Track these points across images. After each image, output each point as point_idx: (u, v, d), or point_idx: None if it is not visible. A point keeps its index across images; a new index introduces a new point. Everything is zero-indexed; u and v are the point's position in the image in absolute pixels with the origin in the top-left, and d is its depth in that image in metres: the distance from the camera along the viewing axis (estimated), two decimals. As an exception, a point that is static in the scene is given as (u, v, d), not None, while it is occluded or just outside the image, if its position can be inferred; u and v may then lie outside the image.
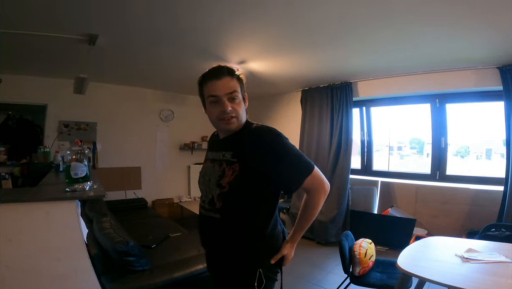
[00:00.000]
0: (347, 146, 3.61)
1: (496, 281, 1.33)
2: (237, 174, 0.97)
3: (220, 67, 1.01)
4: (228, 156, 1.02)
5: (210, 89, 0.99)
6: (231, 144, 1.04)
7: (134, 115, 4.47)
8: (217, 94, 0.98)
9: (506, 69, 2.66)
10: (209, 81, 0.99)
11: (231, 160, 1.00)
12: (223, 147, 1.06)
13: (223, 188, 0.99)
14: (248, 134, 1.02)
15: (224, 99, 0.98)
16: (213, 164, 1.08)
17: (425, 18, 1.94)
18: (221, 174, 1.01)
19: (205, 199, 1.06)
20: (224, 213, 1.00)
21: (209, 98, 1.00)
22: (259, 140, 0.98)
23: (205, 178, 1.09)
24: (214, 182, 1.02)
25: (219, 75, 0.99)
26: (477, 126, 3.50)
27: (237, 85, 1.01)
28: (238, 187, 0.97)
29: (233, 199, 0.99)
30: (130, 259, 1.72)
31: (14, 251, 1.43)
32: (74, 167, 1.84)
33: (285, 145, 0.97)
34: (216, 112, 1.00)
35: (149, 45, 2.60)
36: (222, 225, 1.01)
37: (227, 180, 0.98)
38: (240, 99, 1.02)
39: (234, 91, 0.99)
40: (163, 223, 3.26)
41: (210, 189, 1.04)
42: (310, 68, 3.28)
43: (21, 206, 1.46)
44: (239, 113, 1.00)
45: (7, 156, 3.52)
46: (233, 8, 1.89)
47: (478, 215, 2.90)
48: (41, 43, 2.47)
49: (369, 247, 2.05)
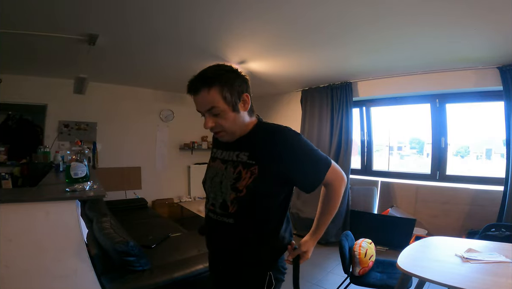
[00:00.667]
0: (347, 146, 3.61)
1: (496, 281, 1.33)
2: (255, 176, 0.91)
3: (193, 79, 0.91)
4: (244, 157, 0.95)
5: (195, 103, 0.93)
6: (246, 144, 0.97)
7: (134, 115, 4.47)
8: (199, 110, 0.93)
9: (506, 69, 2.66)
10: (190, 95, 0.93)
11: (249, 162, 0.93)
12: (237, 147, 0.98)
13: (240, 192, 0.92)
14: (265, 134, 0.96)
15: (206, 115, 0.92)
16: (225, 164, 0.99)
17: (425, 18, 1.94)
18: (237, 176, 0.93)
19: (215, 202, 0.99)
20: (238, 218, 0.94)
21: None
22: (279, 141, 0.92)
23: (214, 179, 1.01)
24: (228, 184, 0.95)
25: (195, 90, 0.90)
26: (477, 126, 3.50)
27: (216, 98, 0.88)
28: (256, 190, 0.91)
29: (251, 204, 0.93)
30: (130, 259, 1.72)
31: (14, 251, 1.43)
32: (74, 167, 1.84)
33: (304, 144, 0.93)
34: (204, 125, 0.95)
35: (149, 45, 2.60)
36: (235, 230, 0.96)
37: (244, 183, 0.91)
38: (223, 111, 0.90)
39: (212, 107, 0.89)
40: (163, 223, 3.26)
41: (222, 193, 0.96)
42: (310, 68, 3.28)
43: (21, 206, 1.47)
44: (225, 127, 0.93)
45: (7, 156, 3.52)
46: (232, 8, 1.89)
47: (478, 215, 2.90)
48: (41, 43, 2.47)
49: (369, 247, 2.05)
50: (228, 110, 0.91)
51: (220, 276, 1.08)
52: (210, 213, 1.02)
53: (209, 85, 0.88)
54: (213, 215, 1.00)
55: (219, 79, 0.89)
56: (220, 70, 0.91)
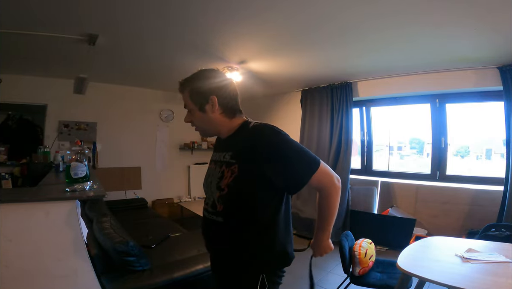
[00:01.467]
0: (347, 146, 3.61)
1: (496, 281, 1.33)
2: (235, 175, 0.94)
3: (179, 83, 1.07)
4: (227, 157, 1.00)
5: None
6: (230, 144, 1.03)
7: (134, 115, 4.47)
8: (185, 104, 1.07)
9: (506, 69, 2.66)
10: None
11: (230, 161, 0.98)
12: (225, 148, 1.05)
13: (222, 190, 0.96)
14: (246, 133, 1.00)
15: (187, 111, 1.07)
16: (215, 165, 1.06)
17: (425, 18, 1.94)
18: (220, 175, 0.99)
19: (208, 201, 1.05)
20: (226, 216, 0.97)
21: None
22: (257, 139, 0.94)
23: (207, 180, 1.07)
24: (214, 184, 1.00)
25: (180, 91, 1.07)
26: (477, 126, 3.50)
27: (187, 98, 1.05)
28: (236, 189, 0.94)
29: (233, 202, 0.96)
30: (130, 259, 1.72)
31: (14, 251, 1.43)
32: (74, 167, 1.84)
33: (285, 142, 0.92)
34: None
35: (149, 45, 2.60)
36: (224, 229, 0.99)
37: (225, 181, 0.96)
38: (192, 110, 1.04)
39: (185, 105, 1.06)
40: (163, 223, 3.26)
41: (212, 192, 1.02)
42: (310, 68, 3.28)
43: (21, 206, 1.46)
44: (195, 123, 1.07)
45: (7, 156, 3.52)
46: (232, 8, 1.89)
47: (478, 215, 2.90)
48: (41, 43, 2.47)
49: (369, 247, 2.05)
50: (196, 110, 1.04)
51: (218, 276, 1.11)
52: (204, 212, 1.08)
53: (183, 89, 1.06)
54: (206, 213, 1.06)
55: (189, 84, 1.04)
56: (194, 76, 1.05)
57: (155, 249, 2.36)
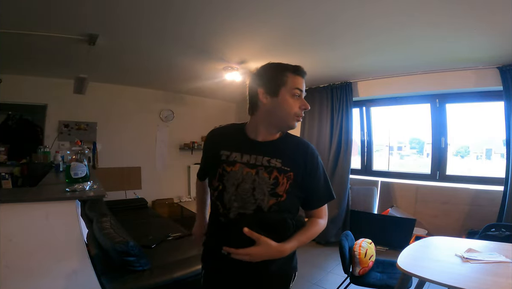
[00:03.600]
0: (347, 146, 3.61)
1: (496, 281, 1.33)
2: (291, 182, 0.94)
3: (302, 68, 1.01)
4: (277, 164, 0.95)
5: (297, 82, 0.96)
6: (276, 151, 0.97)
7: (134, 116, 4.47)
8: (302, 89, 0.97)
9: (506, 69, 2.66)
10: (297, 75, 0.96)
11: (284, 168, 0.95)
12: (265, 152, 0.97)
13: (280, 197, 0.93)
14: (295, 145, 1.01)
15: (302, 97, 0.98)
16: (254, 169, 0.95)
17: (426, 18, 1.94)
18: (274, 182, 0.93)
19: (243, 211, 0.93)
20: None
21: (294, 90, 0.95)
22: (308, 155, 0.99)
23: (242, 186, 0.94)
24: (265, 190, 0.93)
25: (304, 75, 0.98)
26: (477, 126, 3.50)
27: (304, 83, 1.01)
28: (294, 195, 0.96)
29: (290, 208, 0.97)
30: (130, 259, 1.72)
31: (14, 251, 1.44)
32: (74, 167, 1.84)
33: (322, 164, 1.03)
34: (297, 106, 0.96)
35: (149, 45, 2.60)
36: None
37: (283, 188, 0.93)
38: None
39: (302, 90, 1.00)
40: (163, 223, 3.26)
41: (256, 199, 0.92)
42: (310, 68, 3.21)
43: (21, 206, 1.47)
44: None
45: (7, 156, 3.52)
46: (232, 7, 1.89)
47: (478, 215, 2.90)
48: (41, 43, 2.47)
49: (369, 247, 2.05)
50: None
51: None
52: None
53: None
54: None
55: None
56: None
57: (155, 249, 2.36)
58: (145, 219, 3.38)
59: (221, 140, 1.04)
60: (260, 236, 0.88)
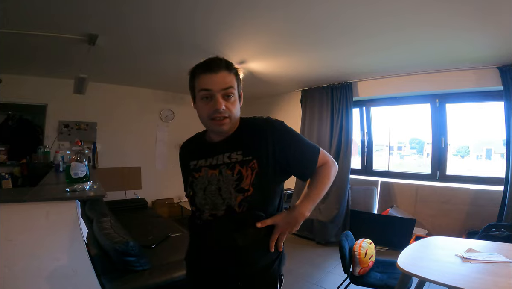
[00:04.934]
0: (347, 146, 3.61)
1: (496, 281, 1.33)
2: (256, 171, 0.88)
3: (217, 59, 0.91)
4: (238, 156, 0.91)
5: (203, 82, 0.87)
6: (236, 143, 0.93)
7: (134, 115, 4.47)
8: (210, 88, 0.86)
9: (506, 69, 2.66)
10: (203, 73, 0.88)
11: (245, 159, 0.89)
12: (224, 149, 0.93)
13: (247, 191, 0.87)
14: (253, 127, 0.94)
15: (218, 96, 0.86)
16: (217, 170, 0.93)
17: (425, 18, 1.94)
18: (238, 177, 0.89)
19: (215, 212, 0.91)
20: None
21: (200, 93, 0.88)
22: (268, 130, 0.91)
23: (209, 188, 0.93)
24: (230, 188, 0.89)
25: (214, 68, 0.88)
26: (477, 126, 3.50)
27: (233, 81, 0.90)
28: (262, 185, 0.89)
29: (261, 200, 0.90)
30: (130, 259, 1.72)
31: (14, 251, 1.43)
32: (74, 167, 1.84)
33: (291, 129, 0.95)
34: (207, 110, 0.88)
35: (149, 45, 2.61)
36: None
37: (248, 181, 0.88)
38: (235, 98, 0.91)
39: (230, 87, 0.88)
40: (163, 223, 3.26)
41: (224, 199, 0.89)
42: (310, 68, 3.28)
43: (21, 206, 1.46)
44: (232, 113, 0.89)
45: (7, 156, 3.52)
46: (232, 7, 1.89)
47: (478, 215, 2.90)
48: (41, 43, 2.47)
49: (369, 247, 2.05)
50: (237, 98, 0.93)
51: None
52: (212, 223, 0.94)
53: (230, 69, 0.91)
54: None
55: (235, 68, 0.93)
56: (231, 63, 0.94)
57: (155, 249, 2.36)
58: (145, 219, 3.38)
59: (188, 152, 1.07)
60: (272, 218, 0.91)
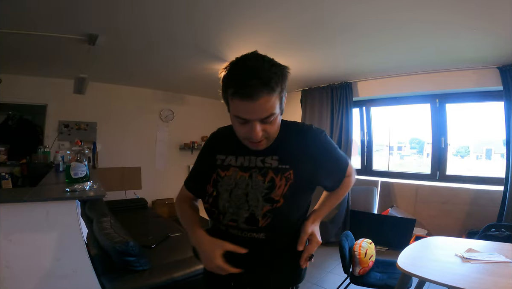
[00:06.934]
0: (347, 146, 3.61)
1: (496, 281, 1.33)
2: (291, 182, 0.81)
3: (255, 78, 0.69)
4: (273, 162, 0.83)
5: (238, 109, 0.73)
6: (273, 147, 0.84)
7: (134, 116, 4.47)
8: (247, 118, 0.73)
9: (506, 69, 2.66)
10: (238, 99, 0.71)
11: (282, 167, 0.82)
12: (259, 150, 0.84)
13: (276, 202, 0.79)
14: (296, 134, 0.86)
15: (255, 123, 0.74)
16: (248, 172, 0.85)
17: (425, 17, 1.94)
18: (269, 185, 0.81)
19: (236, 217, 0.82)
20: (271, 231, 0.81)
21: (234, 117, 0.76)
22: (311, 141, 0.85)
23: (235, 192, 0.84)
24: (258, 196, 0.81)
25: (253, 95, 0.69)
26: (477, 126, 3.50)
27: (275, 104, 0.73)
28: (294, 198, 0.81)
29: (289, 214, 0.82)
30: (130, 259, 1.72)
31: (14, 251, 1.44)
32: (74, 167, 1.85)
33: (330, 141, 0.89)
34: (242, 132, 0.78)
35: (149, 45, 2.60)
36: (269, 246, 0.83)
37: (280, 191, 0.80)
38: (276, 117, 0.76)
39: (271, 114, 0.74)
40: (163, 223, 3.26)
41: (250, 206, 0.81)
42: (310, 68, 3.28)
43: (21, 206, 1.46)
44: (271, 134, 0.79)
45: (7, 156, 3.52)
46: (232, 7, 1.89)
47: (478, 215, 2.90)
48: (41, 43, 2.47)
49: (369, 247, 2.05)
50: (279, 114, 0.78)
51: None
52: (231, 230, 0.85)
53: (272, 90, 0.71)
54: (236, 231, 0.84)
55: (280, 79, 0.73)
56: (275, 66, 0.74)
57: (155, 249, 2.36)
58: (145, 219, 3.38)
59: (218, 144, 0.95)
60: (307, 232, 0.85)
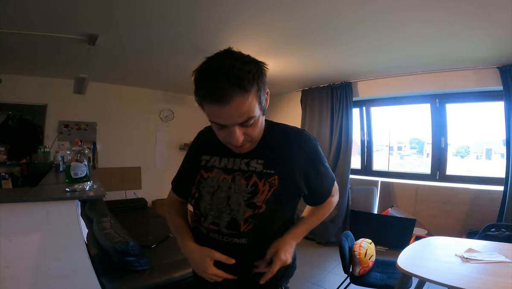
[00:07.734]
0: (347, 146, 3.61)
1: (496, 281, 1.33)
2: (275, 188, 0.77)
3: (224, 80, 0.63)
4: (258, 166, 0.80)
5: (212, 114, 0.69)
6: (258, 149, 0.81)
7: (134, 115, 4.47)
8: (223, 123, 0.70)
9: (506, 69, 2.66)
10: (210, 103, 0.67)
11: (266, 172, 0.79)
12: (243, 153, 0.81)
13: (259, 208, 0.76)
14: (284, 137, 0.82)
15: (234, 128, 0.70)
16: (231, 175, 0.81)
17: (425, 17, 1.94)
18: (252, 189, 0.78)
19: (218, 221, 0.80)
20: (253, 236, 0.79)
21: (211, 122, 0.74)
22: (297, 146, 0.81)
23: (217, 194, 0.81)
24: (241, 200, 0.78)
25: (224, 99, 0.63)
26: (477, 126, 3.50)
27: (253, 104, 0.67)
28: (278, 205, 0.78)
29: (272, 220, 0.79)
30: (130, 259, 1.72)
31: (14, 251, 1.44)
32: (74, 167, 1.85)
33: (321, 153, 0.84)
34: (222, 137, 0.76)
35: (149, 45, 2.60)
36: (248, 250, 0.80)
37: (263, 197, 0.77)
38: (257, 118, 0.71)
39: (249, 118, 0.69)
40: (163, 223, 3.25)
41: (231, 210, 0.78)
42: (310, 68, 3.28)
43: (21, 206, 1.46)
44: (253, 136, 0.75)
45: (7, 156, 3.52)
46: (232, 7, 1.89)
47: (478, 215, 2.90)
48: (41, 43, 2.47)
49: (369, 247, 2.05)
50: (260, 116, 0.73)
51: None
52: (212, 234, 0.82)
53: (246, 90, 0.64)
54: (217, 235, 0.81)
55: (255, 77, 0.67)
56: (249, 64, 0.68)
57: (155, 249, 2.36)
58: (145, 219, 3.38)
59: (204, 144, 0.92)
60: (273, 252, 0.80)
